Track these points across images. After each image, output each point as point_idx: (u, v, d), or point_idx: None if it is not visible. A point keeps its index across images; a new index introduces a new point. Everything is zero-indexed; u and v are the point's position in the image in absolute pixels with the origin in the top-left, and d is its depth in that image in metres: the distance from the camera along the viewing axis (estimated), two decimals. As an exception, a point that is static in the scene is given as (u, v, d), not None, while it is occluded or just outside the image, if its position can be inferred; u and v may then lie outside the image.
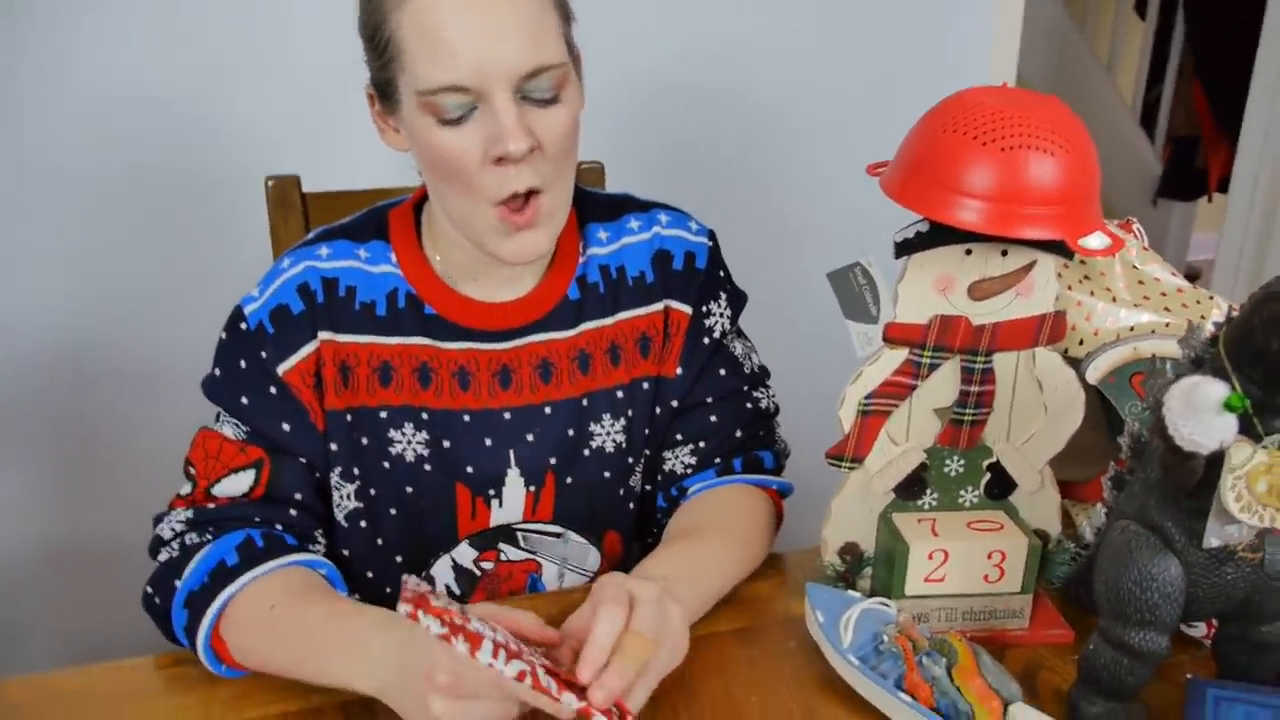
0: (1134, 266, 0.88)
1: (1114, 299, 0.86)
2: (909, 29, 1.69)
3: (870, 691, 0.70)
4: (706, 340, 0.92)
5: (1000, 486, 0.83)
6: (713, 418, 0.92)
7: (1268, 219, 2.41)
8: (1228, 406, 0.56)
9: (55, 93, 1.31)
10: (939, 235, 0.75)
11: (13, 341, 1.38)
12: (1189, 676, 0.73)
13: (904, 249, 0.75)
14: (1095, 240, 0.71)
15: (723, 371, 0.93)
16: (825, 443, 0.81)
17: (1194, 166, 3.59)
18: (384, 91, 0.78)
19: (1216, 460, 0.62)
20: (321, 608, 0.74)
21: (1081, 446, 0.84)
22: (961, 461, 0.82)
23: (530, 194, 0.77)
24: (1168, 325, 0.86)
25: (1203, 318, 0.74)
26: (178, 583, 0.77)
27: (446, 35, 0.71)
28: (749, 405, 0.94)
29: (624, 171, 1.21)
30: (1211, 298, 0.87)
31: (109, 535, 1.44)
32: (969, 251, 0.76)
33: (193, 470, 0.82)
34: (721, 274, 0.94)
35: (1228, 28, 3.12)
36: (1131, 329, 0.86)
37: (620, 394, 0.90)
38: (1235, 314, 0.63)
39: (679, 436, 0.92)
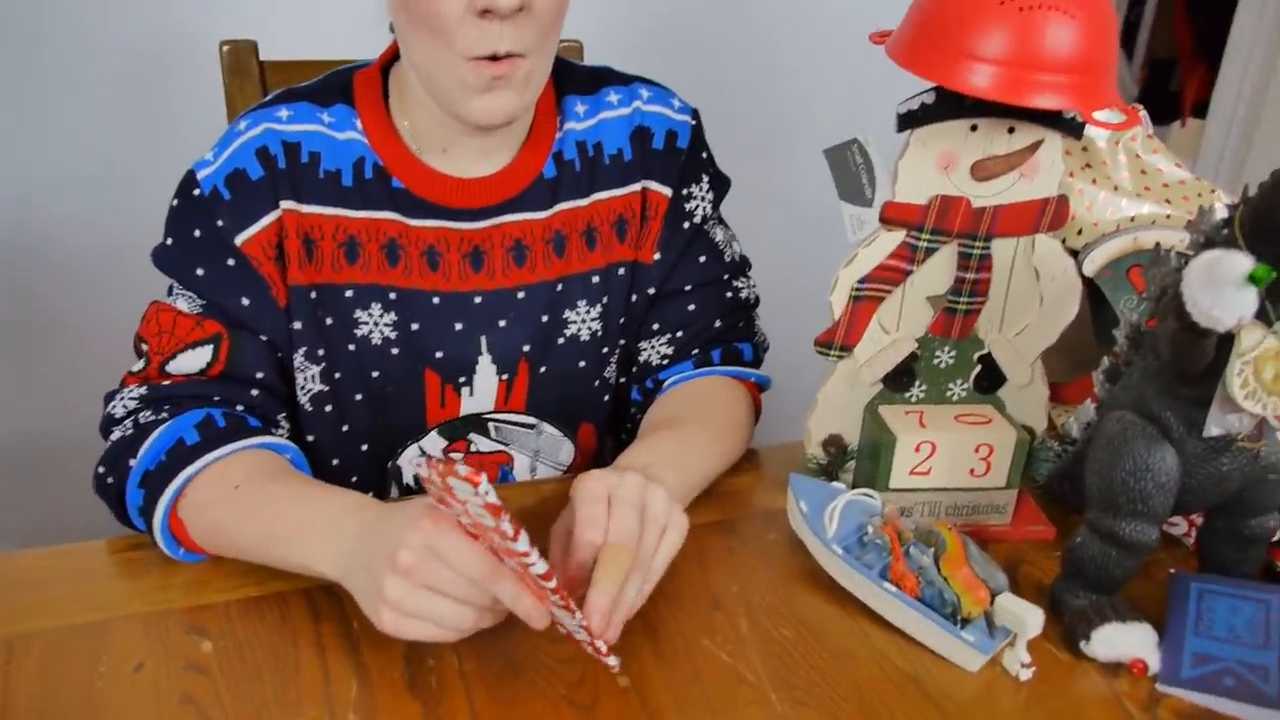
0: (1137, 155, 0.84)
1: (1115, 188, 0.83)
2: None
3: (853, 582, 0.68)
4: (686, 225, 0.87)
5: (989, 380, 0.80)
6: (690, 307, 0.88)
7: (1245, 142, 2.39)
8: (1252, 279, 0.53)
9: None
10: (945, 108, 0.70)
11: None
12: (1172, 571, 0.72)
13: (907, 122, 0.71)
14: (1111, 115, 0.67)
15: (702, 259, 0.88)
16: (802, 338, 0.77)
17: (1169, 90, 3.56)
18: None
19: (1224, 348, 0.60)
20: (291, 488, 0.69)
21: (1066, 346, 0.81)
22: (952, 353, 0.79)
23: (509, 56, 0.71)
24: (1169, 217, 0.83)
25: (1200, 208, 0.71)
26: (132, 462, 0.72)
27: None
28: (729, 295, 0.89)
29: (604, 53, 1.14)
30: (1214, 190, 0.84)
31: (58, 425, 1.38)
32: (974, 128, 0.71)
33: (145, 346, 0.77)
34: (704, 155, 0.89)
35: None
36: (1132, 219, 0.82)
37: (596, 279, 0.85)
38: (1253, 194, 0.60)
39: (655, 326, 0.88)
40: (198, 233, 0.76)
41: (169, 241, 0.77)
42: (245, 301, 0.77)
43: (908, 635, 0.66)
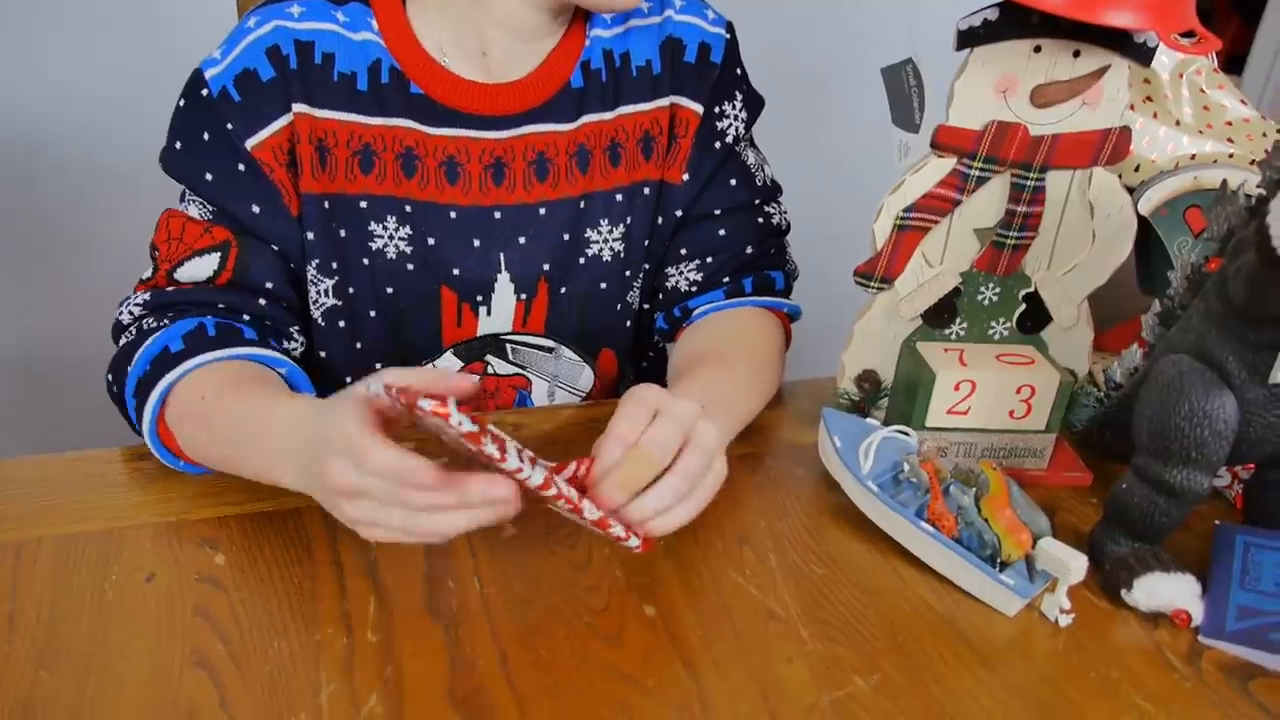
0: (1201, 90, 0.80)
1: (1177, 123, 0.79)
2: None
3: (888, 520, 0.66)
4: (718, 145, 0.83)
5: (1034, 320, 0.77)
6: (721, 232, 0.84)
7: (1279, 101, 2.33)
8: (1346, 213, 0.49)
9: None
10: (1008, 26, 0.66)
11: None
12: (1217, 523, 0.70)
13: (967, 39, 0.67)
14: (1189, 38, 0.63)
15: (734, 181, 0.84)
16: (834, 268, 0.73)
17: (1202, 43, 3.47)
18: None
19: (1299, 287, 0.56)
20: (255, 400, 0.64)
21: (1104, 289, 0.78)
22: (997, 289, 0.75)
23: None
24: (1231, 156, 0.79)
25: (1275, 144, 0.67)
26: (129, 369, 0.69)
27: None
28: (760, 220, 0.86)
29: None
30: (1280, 130, 0.80)
31: (71, 334, 1.35)
32: (1038, 49, 0.67)
33: (156, 253, 0.74)
34: (739, 72, 0.84)
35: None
36: (1193, 157, 0.78)
37: (619, 198, 0.82)
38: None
39: (683, 251, 0.84)
40: (206, 135, 0.72)
41: (177, 145, 0.74)
42: (255, 209, 0.73)
43: (942, 576, 0.64)
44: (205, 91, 0.72)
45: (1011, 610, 0.62)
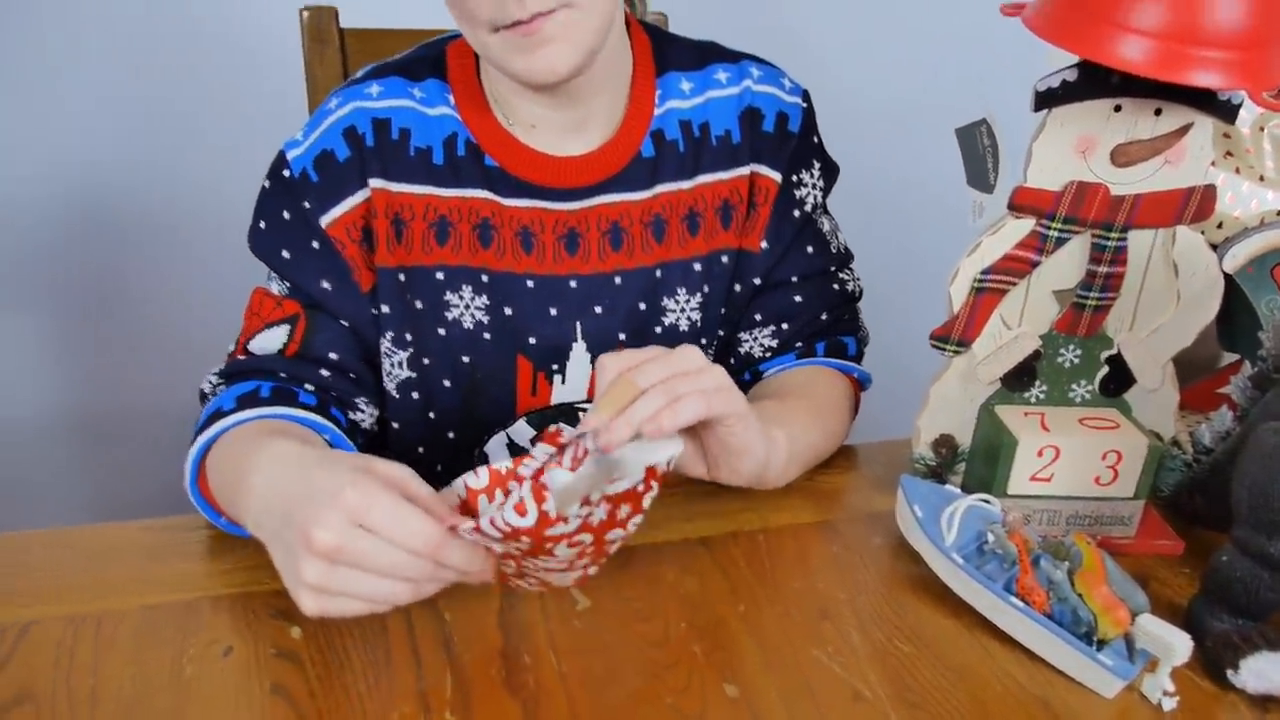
0: (1285, 144, 0.78)
1: (1261, 178, 0.77)
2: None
3: (974, 594, 0.64)
4: (796, 213, 0.83)
5: (1116, 382, 0.75)
6: (797, 298, 0.83)
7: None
8: None
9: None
10: (1088, 86, 0.65)
11: (31, 194, 1.29)
12: (1324, 595, 0.66)
13: (1045, 100, 0.66)
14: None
15: (810, 249, 0.84)
16: (906, 332, 0.72)
17: None
18: None
19: None
20: (253, 441, 0.62)
21: (1184, 350, 0.75)
22: (1078, 351, 0.73)
23: (535, 18, 0.65)
24: (1320, 211, 0.76)
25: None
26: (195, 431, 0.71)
27: None
28: (835, 287, 0.85)
29: (695, 23, 1.10)
30: (1370, 183, 0.77)
31: (131, 398, 1.38)
32: (1118, 108, 0.66)
33: (240, 327, 0.76)
34: (815, 140, 0.84)
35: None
36: (1278, 214, 0.76)
37: (698, 266, 0.81)
38: None
39: (758, 317, 0.84)
40: (286, 215, 0.74)
41: (261, 225, 0.76)
42: (326, 285, 0.75)
43: (1033, 654, 0.61)
44: (287, 173, 0.74)
45: (1110, 692, 0.59)
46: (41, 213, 1.31)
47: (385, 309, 0.76)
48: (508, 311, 0.78)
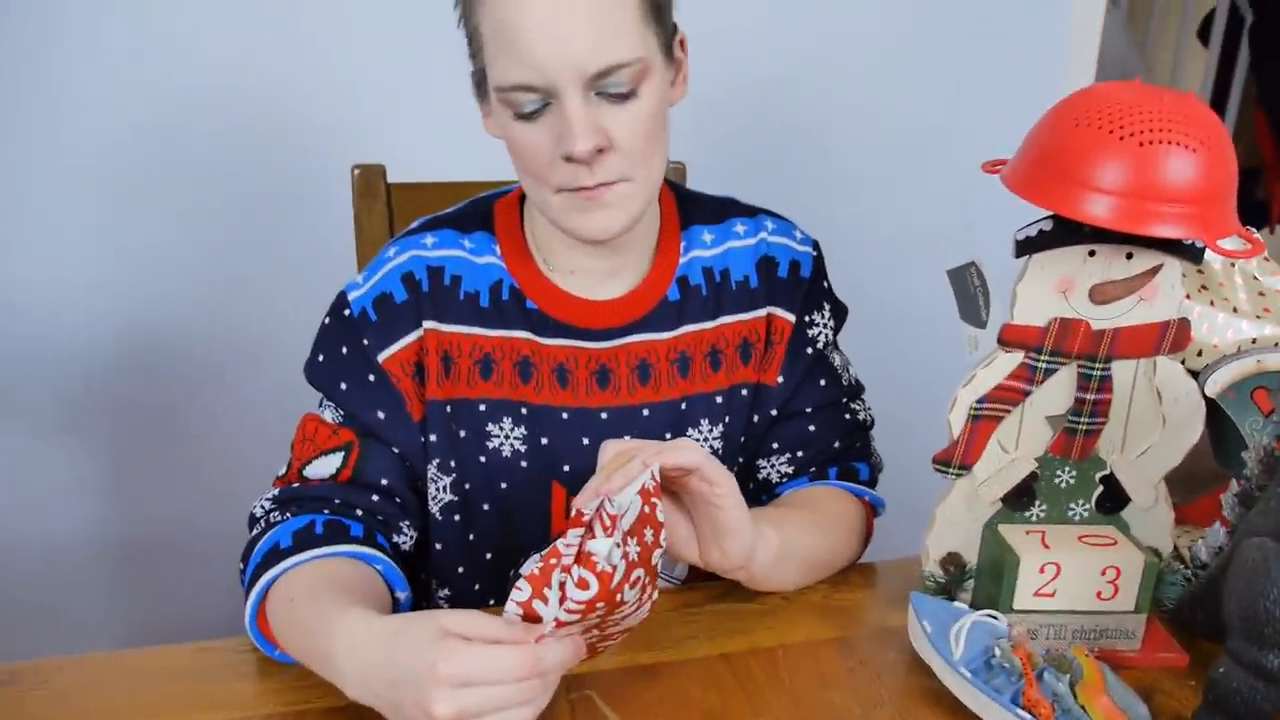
0: (1255, 277, 0.84)
1: (1234, 310, 0.83)
2: (984, 32, 1.67)
3: (984, 707, 0.67)
4: (809, 350, 0.90)
5: (1112, 500, 0.80)
6: (811, 427, 0.90)
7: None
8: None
9: (138, 81, 1.32)
10: (1062, 234, 0.72)
11: (92, 326, 1.38)
12: (1323, 707, 0.69)
13: (1025, 248, 0.73)
14: (1233, 243, 0.68)
15: (823, 382, 0.91)
16: (917, 456, 0.78)
17: (1255, 198, 3.52)
18: (479, 84, 0.78)
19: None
20: (320, 608, 0.68)
21: (1184, 466, 0.80)
22: (1073, 473, 0.78)
23: (600, 186, 0.75)
24: (1291, 339, 0.82)
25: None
26: (250, 560, 0.76)
27: (515, 34, 0.70)
28: (847, 416, 0.92)
29: (709, 174, 1.20)
30: (1336, 312, 0.83)
31: (181, 522, 1.44)
32: (1092, 253, 0.73)
33: (292, 452, 0.82)
34: (825, 285, 0.93)
35: (1295, 57, 3.07)
36: (1253, 341, 0.82)
37: (719, 399, 0.88)
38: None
39: (775, 445, 0.90)
40: (345, 350, 0.81)
41: (320, 358, 0.83)
42: (381, 415, 0.81)
43: (1043, 765, 0.64)
44: (347, 312, 0.82)
45: (1118, 802, 0.61)
46: (100, 344, 1.40)
47: (433, 438, 0.83)
48: (544, 441, 0.84)
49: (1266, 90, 3.32)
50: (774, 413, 0.90)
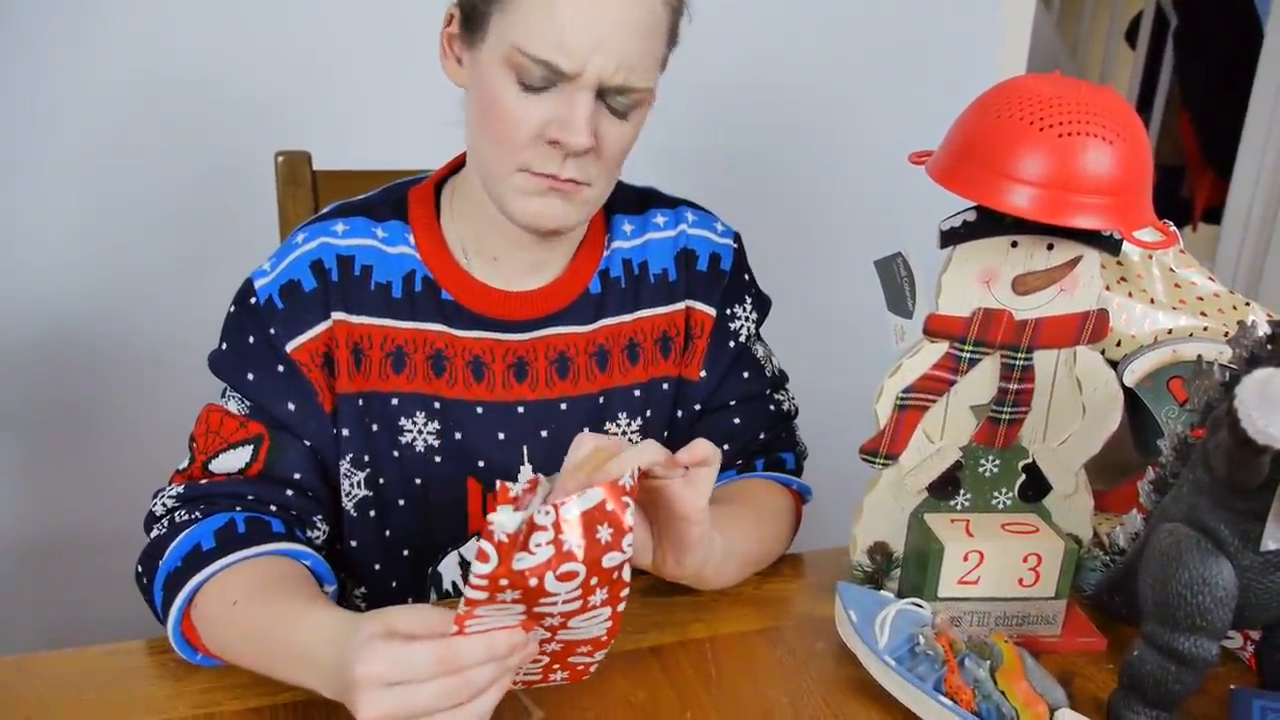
0: (1171, 269, 0.86)
1: (1151, 301, 0.85)
2: (920, 32, 1.69)
3: (907, 694, 0.67)
4: (731, 344, 0.90)
5: (1034, 489, 0.81)
6: (736, 420, 0.89)
7: (1260, 249, 2.43)
8: (1306, 398, 0.54)
9: (58, 68, 1.26)
10: (985, 225, 0.73)
11: (5, 321, 1.32)
12: (1233, 687, 0.71)
13: (949, 239, 0.73)
14: (1148, 234, 0.69)
15: (746, 374, 0.90)
16: (844, 446, 0.78)
17: (1179, 196, 3.63)
18: (470, 17, 0.75)
19: (1279, 459, 0.60)
20: (278, 606, 0.67)
21: (1105, 455, 0.82)
22: (997, 462, 0.79)
23: (569, 181, 0.75)
24: (1205, 329, 0.84)
25: (1240, 323, 0.73)
26: (160, 563, 0.73)
27: (565, 15, 0.69)
28: (771, 408, 0.91)
29: (643, 166, 1.19)
30: (1248, 303, 0.86)
31: (96, 521, 1.39)
32: (1015, 244, 0.74)
33: (194, 445, 0.79)
34: (746, 277, 0.92)
35: (1217, 59, 3.17)
36: (1169, 332, 0.84)
37: (638, 393, 0.87)
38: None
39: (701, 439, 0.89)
40: (251, 339, 0.79)
41: (224, 346, 0.80)
42: (291, 406, 0.79)
43: (965, 751, 0.65)
44: (254, 300, 0.79)
45: (1036, 785, 0.62)
46: (7, 338, 1.34)
47: (345, 432, 0.80)
48: (458, 436, 0.83)
49: (1190, 91, 3.43)
50: (698, 407, 0.89)
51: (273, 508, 0.77)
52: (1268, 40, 2.34)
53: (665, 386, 0.88)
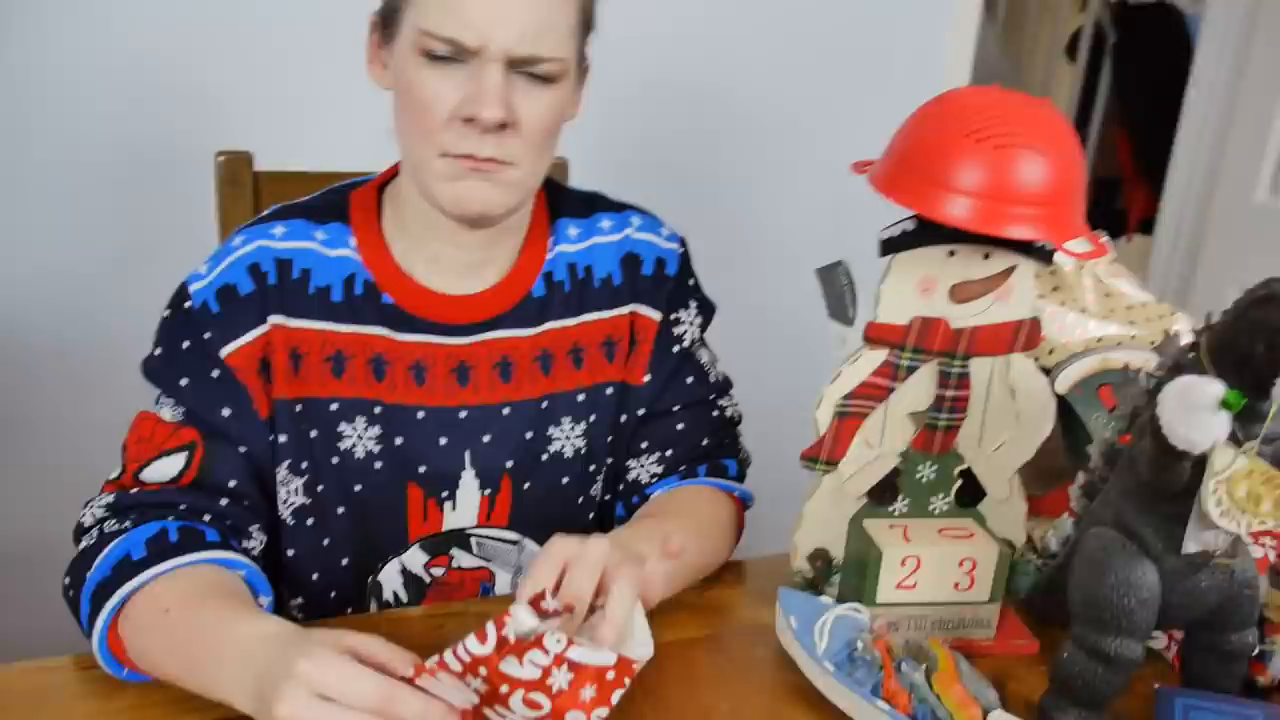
0: (1101, 280, 0.89)
1: (1083, 310, 0.87)
2: (866, 43, 1.71)
3: (845, 699, 0.68)
4: (675, 349, 0.90)
5: (970, 494, 0.82)
6: (679, 426, 0.90)
7: (1191, 259, 2.50)
8: (1224, 405, 0.55)
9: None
10: (924, 235, 0.74)
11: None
12: (1157, 686, 0.73)
13: (889, 247, 0.74)
14: (1080, 244, 0.71)
15: (690, 380, 0.91)
16: (785, 453, 0.79)
17: (1115, 207, 3.74)
18: (387, 20, 0.76)
19: (1199, 465, 0.62)
20: (211, 614, 0.65)
21: (1039, 460, 0.84)
22: (934, 467, 0.81)
23: (490, 160, 0.74)
24: (1134, 337, 0.87)
25: (1166, 331, 0.75)
26: (88, 574, 0.70)
27: None
28: (715, 414, 0.92)
29: (590, 171, 1.19)
30: (1174, 312, 0.88)
31: (22, 532, 1.34)
32: (952, 253, 0.75)
33: (125, 453, 0.76)
34: (691, 282, 0.92)
35: (1151, 75, 3.27)
36: (1099, 340, 0.86)
37: (582, 398, 0.87)
38: (1215, 320, 0.64)
39: (644, 445, 0.90)
40: (185, 344, 0.77)
41: (157, 352, 0.78)
42: (226, 412, 0.77)
43: (901, 754, 0.66)
44: (188, 304, 0.77)
45: (969, 787, 0.63)
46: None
47: (282, 438, 0.79)
48: (399, 441, 0.82)
49: (1126, 104, 3.53)
50: (642, 412, 0.89)
51: (207, 517, 0.74)
52: (1198, 58, 2.41)
53: (609, 391, 0.88)
